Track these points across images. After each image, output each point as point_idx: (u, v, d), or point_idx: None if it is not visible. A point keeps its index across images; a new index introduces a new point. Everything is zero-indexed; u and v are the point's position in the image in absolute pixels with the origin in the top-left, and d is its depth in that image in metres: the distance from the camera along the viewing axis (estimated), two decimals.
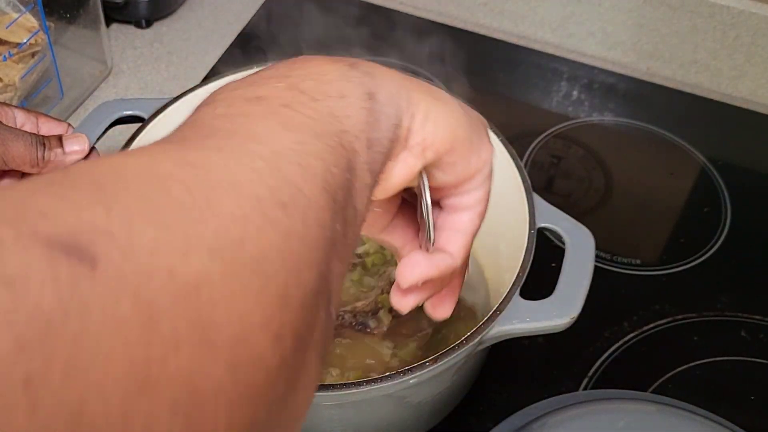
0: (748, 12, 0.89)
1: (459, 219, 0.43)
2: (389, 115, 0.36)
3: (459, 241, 0.43)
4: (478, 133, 0.41)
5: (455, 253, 0.43)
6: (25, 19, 0.76)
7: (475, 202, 0.44)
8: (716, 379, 0.70)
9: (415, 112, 0.38)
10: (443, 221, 0.43)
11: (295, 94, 0.33)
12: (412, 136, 0.38)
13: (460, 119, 0.40)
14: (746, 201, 0.84)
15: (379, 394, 0.52)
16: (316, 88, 0.34)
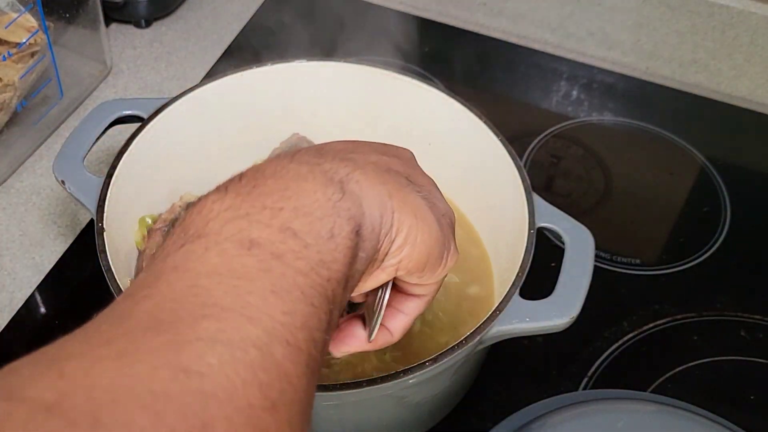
0: (748, 11, 0.89)
1: (408, 304, 0.46)
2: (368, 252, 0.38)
3: (402, 322, 0.46)
4: (448, 247, 0.43)
5: (395, 332, 0.46)
6: (24, 18, 0.76)
7: (428, 293, 0.45)
8: (716, 378, 0.70)
9: (396, 235, 0.39)
10: (392, 298, 0.45)
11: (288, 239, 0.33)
12: (388, 258, 0.40)
13: (437, 239, 0.41)
14: (746, 200, 0.84)
15: (378, 394, 0.52)
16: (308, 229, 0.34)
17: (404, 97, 0.71)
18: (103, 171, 0.63)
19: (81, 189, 0.62)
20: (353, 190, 0.37)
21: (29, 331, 0.69)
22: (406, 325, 0.46)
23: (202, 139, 0.71)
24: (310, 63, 0.72)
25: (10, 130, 0.80)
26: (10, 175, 0.80)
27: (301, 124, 0.75)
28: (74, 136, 0.66)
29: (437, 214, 0.42)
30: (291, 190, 0.36)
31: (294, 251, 0.33)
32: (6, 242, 0.74)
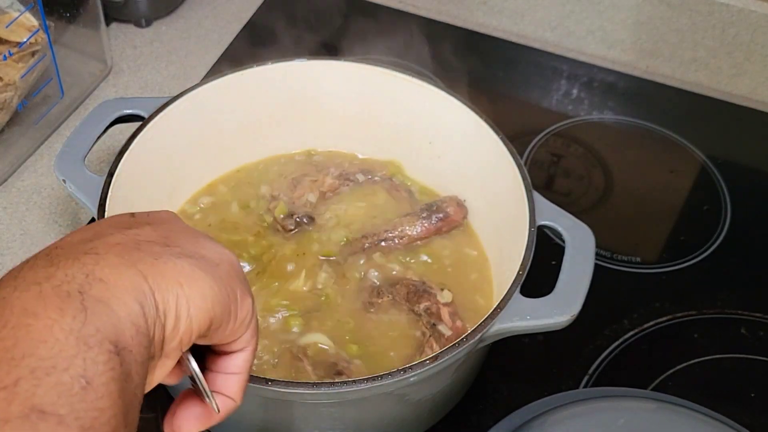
0: (748, 10, 0.89)
1: (233, 363, 0.41)
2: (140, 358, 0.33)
3: (237, 383, 0.42)
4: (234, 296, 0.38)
5: (235, 395, 0.42)
6: (25, 18, 0.76)
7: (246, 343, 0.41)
8: (716, 376, 0.70)
9: (165, 317, 0.35)
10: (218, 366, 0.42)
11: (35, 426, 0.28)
12: (167, 344, 0.36)
13: (216, 295, 0.37)
14: (746, 199, 0.85)
15: (379, 392, 0.53)
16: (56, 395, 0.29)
17: (404, 96, 0.71)
18: (104, 170, 0.63)
19: (82, 188, 0.62)
20: (97, 296, 0.32)
21: None
22: (243, 384, 0.42)
23: (203, 138, 0.71)
24: (310, 62, 0.72)
25: (11, 129, 0.80)
26: (11, 174, 0.80)
27: (302, 123, 0.75)
28: (75, 136, 0.66)
29: (208, 265, 0.37)
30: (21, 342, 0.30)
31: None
32: (7, 241, 0.74)
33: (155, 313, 0.34)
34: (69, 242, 0.36)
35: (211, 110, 0.70)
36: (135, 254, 0.35)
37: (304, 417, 0.57)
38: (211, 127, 0.71)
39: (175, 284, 0.35)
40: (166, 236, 0.38)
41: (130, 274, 0.34)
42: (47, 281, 0.32)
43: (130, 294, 0.33)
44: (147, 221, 0.39)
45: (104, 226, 0.38)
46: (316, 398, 0.52)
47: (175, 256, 0.36)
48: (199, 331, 0.36)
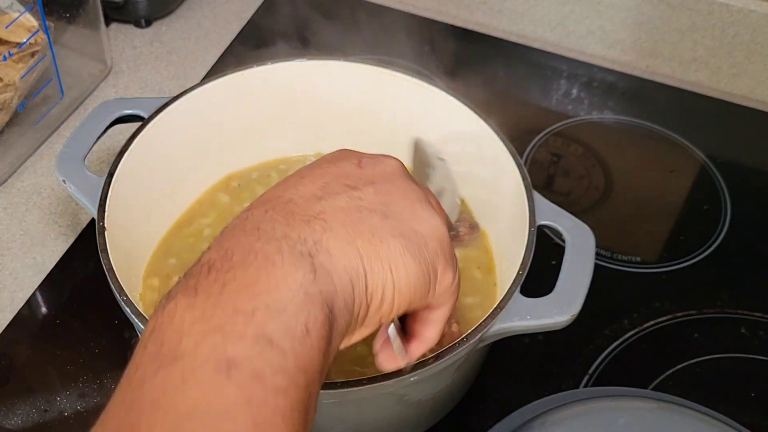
0: (747, 9, 0.89)
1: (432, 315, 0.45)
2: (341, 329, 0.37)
3: (433, 330, 0.45)
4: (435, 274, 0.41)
5: (430, 339, 0.45)
6: (24, 18, 0.76)
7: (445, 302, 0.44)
8: (717, 376, 0.70)
9: (371, 297, 0.39)
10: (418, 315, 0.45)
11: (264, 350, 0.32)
12: (369, 318, 0.39)
13: (417, 281, 0.40)
14: (746, 198, 0.85)
15: (379, 392, 0.52)
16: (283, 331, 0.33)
17: (404, 96, 0.71)
18: (104, 170, 0.63)
19: (82, 188, 0.62)
20: (324, 265, 0.36)
21: (31, 330, 0.69)
22: (439, 331, 0.45)
23: (203, 139, 0.71)
24: (310, 62, 0.72)
25: (11, 129, 0.80)
26: (11, 174, 0.80)
27: (301, 123, 0.75)
28: (75, 136, 0.66)
29: (418, 245, 0.40)
30: (261, 282, 0.34)
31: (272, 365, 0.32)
32: (7, 242, 0.74)
33: (363, 293, 0.38)
34: (302, 197, 0.39)
35: (212, 110, 0.70)
36: (356, 227, 0.38)
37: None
38: (211, 127, 0.71)
39: (385, 269, 0.38)
40: (385, 202, 0.41)
41: (349, 252, 0.37)
42: (284, 239, 0.36)
43: (346, 271, 0.37)
44: (371, 178, 0.42)
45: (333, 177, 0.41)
46: None
47: (391, 235, 0.39)
48: (398, 310, 0.40)
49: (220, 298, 0.33)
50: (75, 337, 0.68)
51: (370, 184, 0.41)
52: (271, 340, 0.32)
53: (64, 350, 0.66)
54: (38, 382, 0.64)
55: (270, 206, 0.39)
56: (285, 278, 0.35)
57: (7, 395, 0.63)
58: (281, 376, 0.32)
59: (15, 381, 0.65)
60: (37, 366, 0.66)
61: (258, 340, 0.32)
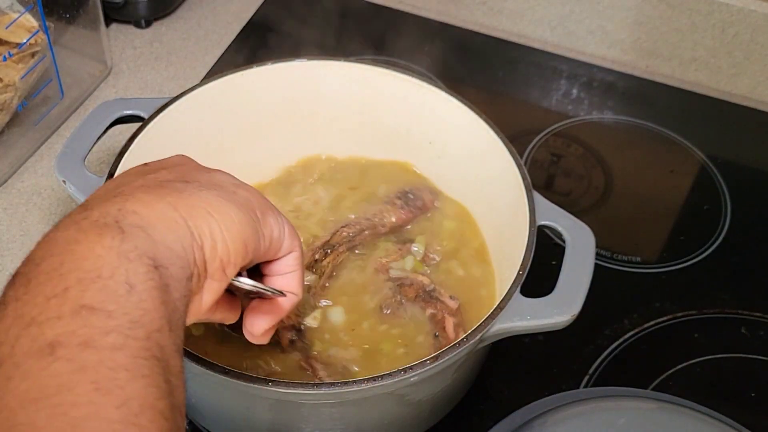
0: (747, 9, 0.89)
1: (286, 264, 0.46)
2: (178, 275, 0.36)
3: (294, 279, 0.46)
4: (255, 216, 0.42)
5: (294, 289, 0.47)
6: (24, 19, 0.76)
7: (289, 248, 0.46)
8: (717, 376, 0.70)
9: (202, 241, 0.38)
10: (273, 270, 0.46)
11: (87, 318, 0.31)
12: (209, 264, 0.39)
13: (242, 218, 0.41)
14: (746, 198, 0.85)
15: (379, 392, 0.53)
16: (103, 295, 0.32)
17: (404, 96, 0.71)
18: (104, 171, 0.63)
19: (82, 189, 0.62)
20: (133, 223, 0.35)
21: None
22: (299, 278, 0.47)
23: (203, 139, 0.71)
24: (310, 62, 0.72)
25: (11, 130, 0.80)
26: (11, 175, 0.80)
27: (302, 123, 0.75)
28: (75, 136, 0.66)
29: (229, 195, 0.41)
30: (68, 262, 0.33)
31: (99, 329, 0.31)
32: (7, 242, 0.74)
33: (191, 238, 0.38)
34: (97, 194, 0.40)
35: (211, 111, 0.70)
36: (160, 190, 0.38)
37: (304, 417, 0.57)
38: (211, 128, 0.71)
39: (204, 213, 0.39)
40: (183, 174, 0.42)
41: (160, 206, 0.37)
42: (84, 219, 0.35)
43: (161, 221, 0.37)
44: (161, 166, 0.43)
45: (124, 176, 0.42)
46: (316, 398, 0.52)
47: (198, 189, 0.40)
48: (236, 253, 0.40)
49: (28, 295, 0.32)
50: None
51: (164, 169, 0.43)
52: (92, 307, 0.32)
53: None
54: None
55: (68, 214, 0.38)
56: (91, 249, 0.34)
57: None
58: (114, 335, 0.31)
59: None
60: None
61: (77, 313, 0.31)
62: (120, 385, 0.30)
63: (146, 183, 0.40)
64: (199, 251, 0.38)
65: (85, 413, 0.29)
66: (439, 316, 0.62)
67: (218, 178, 0.43)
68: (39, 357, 0.30)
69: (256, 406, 0.56)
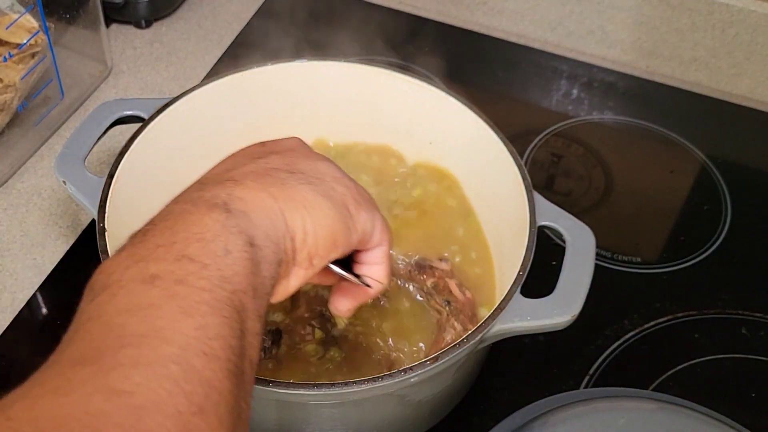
0: (748, 10, 0.89)
1: (374, 255, 0.50)
2: (269, 258, 0.40)
3: (381, 270, 0.50)
4: (347, 212, 0.46)
5: (381, 278, 0.50)
6: (25, 19, 0.76)
7: (378, 242, 0.49)
8: (717, 376, 0.70)
9: (294, 232, 0.42)
10: (362, 258, 0.50)
11: (185, 264, 0.36)
12: (297, 254, 0.43)
13: (334, 218, 0.44)
14: (746, 198, 0.85)
15: (379, 393, 0.53)
16: (202, 251, 0.37)
17: (404, 97, 0.71)
18: (104, 171, 0.63)
19: (82, 189, 0.62)
20: (238, 208, 0.40)
21: (31, 331, 0.69)
22: (385, 270, 0.50)
23: (203, 139, 0.71)
24: (310, 63, 0.72)
25: (11, 130, 0.80)
26: (11, 175, 0.80)
27: (302, 124, 0.75)
28: (75, 137, 0.66)
29: (326, 191, 0.44)
30: (179, 225, 0.38)
31: (194, 273, 0.36)
32: (7, 243, 0.74)
33: (285, 228, 0.41)
34: (213, 173, 0.46)
35: (212, 111, 0.70)
36: (266, 179, 0.43)
37: (304, 417, 0.57)
38: (211, 128, 0.71)
39: (300, 207, 0.42)
40: (290, 163, 0.45)
41: (263, 196, 0.41)
42: (198, 198, 0.40)
43: (262, 210, 0.41)
44: (274, 149, 0.47)
45: (239, 157, 0.47)
46: (316, 399, 0.52)
47: (299, 183, 0.44)
48: (324, 246, 0.44)
49: (143, 243, 0.38)
50: None
51: (274, 153, 0.46)
52: (191, 258, 0.36)
53: None
54: None
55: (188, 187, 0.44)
56: (200, 218, 0.38)
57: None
58: (204, 280, 0.36)
59: (15, 382, 0.65)
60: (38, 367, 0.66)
61: (179, 260, 0.36)
62: (201, 313, 0.34)
63: (256, 169, 0.44)
64: (290, 241, 0.42)
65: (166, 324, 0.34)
66: (441, 284, 0.63)
67: (321, 169, 0.46)
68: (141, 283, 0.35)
69: (256, 407, 0.56)
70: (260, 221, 0.40)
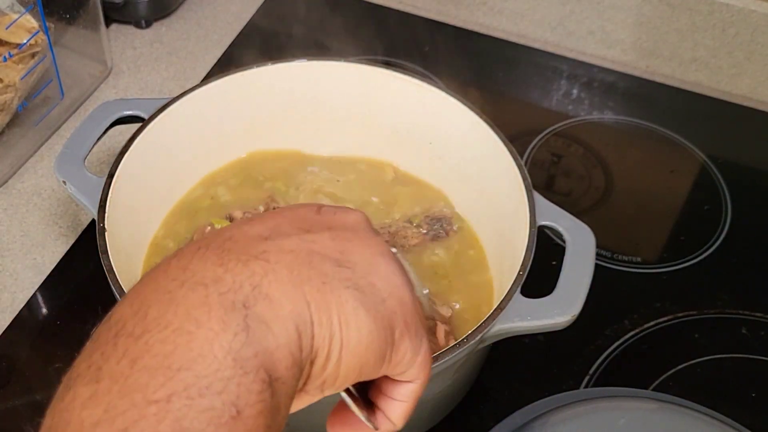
0: (748, 9, 0.89)
1: (399, 391, 0.39)
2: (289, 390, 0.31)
3: (400, 409, 0.39)
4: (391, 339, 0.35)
5: (396, 420, 0.40)
6: (25, 19, 0.76)
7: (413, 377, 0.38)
8: (717, 376, 0.70)
9: (316, 353, 0.33)
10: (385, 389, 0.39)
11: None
12: (310, 381, 0.33)
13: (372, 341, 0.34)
14: (746, 198, 0.85)
15: None
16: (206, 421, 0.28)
17: (404, 97, 0.71)
18: (104, 171, 0.63)
19: (82, 189, 0.62)
20: (260, 315, 0.30)
21: (31, 331, 0.69)
22: (406, 412, 0.40)
23: (203, 139, 0.71)
24: (310, 63, 0.72)
25: (11, 130, 0.80)
26: (11, 175, 0.80)
27: (302, 123, 0.75)
28: (75, 137, 0.66)
29: (374, 301, 0.34)
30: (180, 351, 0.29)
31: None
32: (7, 243, 0.74)
33: (310, 346, 0.32)
34: (245, 234, 0.34)
35: (212, 111, 0.70)
36: (305, 272, 0.33)
37: (304, 418, 0.56)
38: (211, 128, 0.71)
39: (334, 321, 0.33)
40: (342, 250, 0.35)
41: (296, 297, 0.32)
42: (214, 285, 0.31)
43: (292, 319, 0.31)
44: (329, 224, 0.36)
45: (286, 220, 0.35)
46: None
47: (344, 285, 0.33)
48: (346, 375, 0.34)
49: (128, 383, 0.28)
50: (75, 338, 0.67)
51: (327, 230, 0.36)
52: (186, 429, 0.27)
53: (65, 351, 0.66)
54: (39, 382, 0.64)
55: (204, 244, 0.33)
56: (210, 343, 0.29)
57: (8, 396, 0.63)
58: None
59: (15, 382, 0.65)
60: (38, 367, 0.66)
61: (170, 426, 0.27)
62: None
63: (297, 249, 0.33)
64: (309, 365, 0.33)
65: None
66: (430, 324, 0.62)
67: (378, 268, 0.35)
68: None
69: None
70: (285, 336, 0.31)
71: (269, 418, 0.30)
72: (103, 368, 0.28)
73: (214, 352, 0.29)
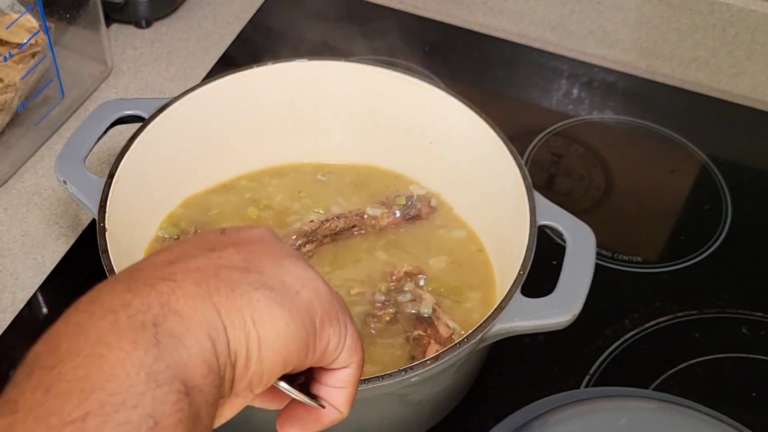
0: (748, 9, 0.89)
1: (337, 378, 0.40)
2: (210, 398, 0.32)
3: (343, 395, 0.41)
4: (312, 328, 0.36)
5: (341, 407, 0.41)
6: (25, 19, 0.76)
7: (346, 362, 0.39)
8: (718, 376, 0.70)
9: (236, 357, 0.33)
10: (323, 379, 0.40)
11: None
12: (237, 384, 0.34)
13: (291, 333, 0.35)
14: (747, 198, 0.85)
15: (380, 393, 0.53)
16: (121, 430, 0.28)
17: (405, 96, 0.71)
18: (104, 171, 0.63)
19: (82, 189, 0.62)
20: (171, 330, 0.31)
21: (31, 331, 0.69)
22: (348, 397, 0.41)
23: (203, 139, 0.71)
24: (310, 63, 0.72)
25: (12, 130, 0.80)
26: (11, 175, 0.80)
27: (302, 124, 0.75)
28: (75, 137, 0.66)
29: (286, 296, 0.35)
30: (93, 374, 0.29)
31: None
32: (8, 243, 0.74)
33: (226, 351, 0.33)
34: (152, 263, 0.35)
35: (212, 111, 0.70)
36: (213, 283, 0.34)
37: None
38: (211, 128, 0.71)
39: (248, 321, 0.34)
40: (248, 259, 0.36)
41: (204, 308, 0.33)
42: (123, 310, 0.31)
43: (203, 329, 0.32)
44: (233, 241, 0.38)
45: (190, 245, 0.37)
46: None
47: (253, 287, 0.35)
48: (271, 371, 0.35)
49: (43, 409, 0.28)
50: None
51: (232, 245, 0.37)
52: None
53: None
54: None
55: (113, 278, 0.34)
56: (121, 362, 0.30)
57: None
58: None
59: None
60: None
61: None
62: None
63: (204, 266, 0.35)
64: (230, 369, 0.33)
65: None
66: (423, 341, 0.61)
67: (288, 268, 0.37)
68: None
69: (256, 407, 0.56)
70: (197, 346, 0.32)
71: (189, 426, 0.30)
72: (18, 401, 0.29)
73: (127, 369, 0.29)
